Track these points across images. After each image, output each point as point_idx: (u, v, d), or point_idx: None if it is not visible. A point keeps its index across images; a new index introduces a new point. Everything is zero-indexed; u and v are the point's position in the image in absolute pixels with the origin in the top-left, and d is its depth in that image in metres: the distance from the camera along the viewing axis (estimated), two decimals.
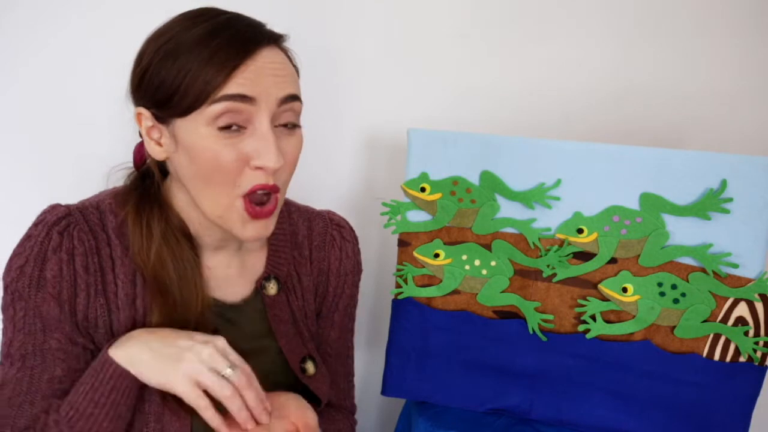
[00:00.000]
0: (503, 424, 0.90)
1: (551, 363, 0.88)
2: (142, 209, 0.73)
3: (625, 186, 0.83)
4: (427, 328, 0.91)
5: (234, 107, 0.64)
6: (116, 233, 0.73)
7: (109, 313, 0.71)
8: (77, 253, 0.70)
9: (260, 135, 0.66)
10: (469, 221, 0.88)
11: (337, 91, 1.13)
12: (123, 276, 0.72)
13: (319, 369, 0.83)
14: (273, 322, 0.80)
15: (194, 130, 0.65)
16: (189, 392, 0.65)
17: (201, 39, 0.65)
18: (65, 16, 1.02)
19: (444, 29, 1.11)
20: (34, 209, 0.73)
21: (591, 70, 1.13)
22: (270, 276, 0.81)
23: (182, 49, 0.65)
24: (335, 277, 0.88)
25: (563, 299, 0.87)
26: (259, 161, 0.66)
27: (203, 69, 0.63)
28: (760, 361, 0.82)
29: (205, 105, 0.64)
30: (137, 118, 0.70)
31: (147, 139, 0.71)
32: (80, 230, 0.70)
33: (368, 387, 1.26)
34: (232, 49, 0.64)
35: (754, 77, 1.13)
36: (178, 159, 0.69)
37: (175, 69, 0.64)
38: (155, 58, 0.66)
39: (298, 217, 0.87)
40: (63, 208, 0.72)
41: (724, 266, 0.81)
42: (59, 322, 0.69)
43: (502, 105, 1.13)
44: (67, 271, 0.69)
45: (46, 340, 0.69)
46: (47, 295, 0.69)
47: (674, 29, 1.12)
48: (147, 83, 0.67)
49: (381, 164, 1.16)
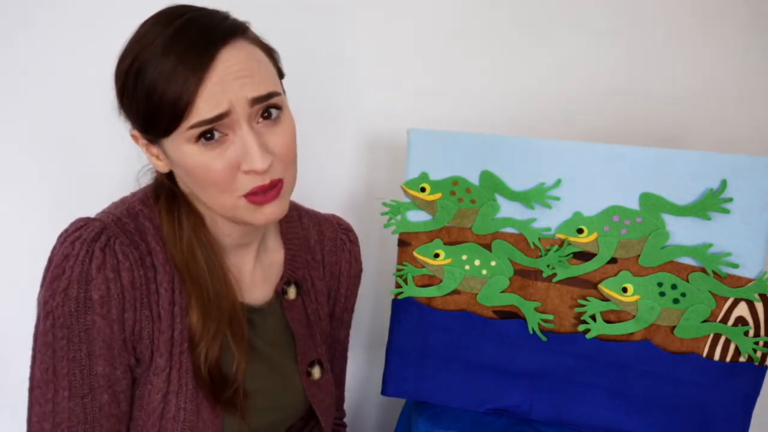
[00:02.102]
0: (503, 424, 0.90)
1: (551, 363, 0.88)
2: (173, 204, 0.73)
3: (625, 186, 0.83)
4: (427, 328, 0.91)
5: (214, 127, 0.64)
6: (155, 239, 0.71)
7: (152, 323, 0.70)
8: (123, 268, 0.67)
9: (242, 140, 0.65)
10: (469, 221, 0.88)
11: (337, 91, 1.13)
12: (165, 284, 0.71)
13: (324, 375, 0.84)
14: (292, 325, 0.81)
15: (179, 149, 0.65)
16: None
17: (158, 55, 0.63)
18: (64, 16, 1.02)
19: (444, 29, 1.11)
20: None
21: (591, 70, 1.13)
22: (290, 280, 0.82)
23: (146, 67, 0.63)
24: (346, 279, 0.92)
25: (563, 299, 0.87)
26: (246, 166, 0.65)
27: (167, 90, 0.62)
28: (760, 361, 0.82)
29: (182, 129, 0.63)
30: (133, 139, 0.71)
31: (148, 155, 0.71)
32: (122, 243, 0.68)
33: (368, 387, 1.26)
34: (189, 61, 0.62)
35: (754, 77, 1.13)
36: (177, 172, 0.70)
37: (143, 92, 0.63)
38: (127, 81, 0.65)
39: (308, 221, 0.88)
40: (97, 222, 0.69)
41: (724, 266, 0.81)
42: (106, 344, 0.68)
43: (502, 105, 1.13)
44: (115, 289, 0.67)
45: (92, 366, 0.67)
46: (96, 317, 0.66)
47: (674, 29, 1.12)
48: (127, 108, 0.67)
49: (381, 164, 1.16)
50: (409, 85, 1.13)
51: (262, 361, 0.78)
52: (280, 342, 0.81)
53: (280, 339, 0.81)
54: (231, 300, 0.73)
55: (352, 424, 1.27)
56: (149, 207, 0.74)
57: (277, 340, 0.81)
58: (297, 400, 0.82)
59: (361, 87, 1.13)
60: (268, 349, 0.79)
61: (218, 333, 0.72)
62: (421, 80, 1.13)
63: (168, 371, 0.71)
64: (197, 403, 0.71)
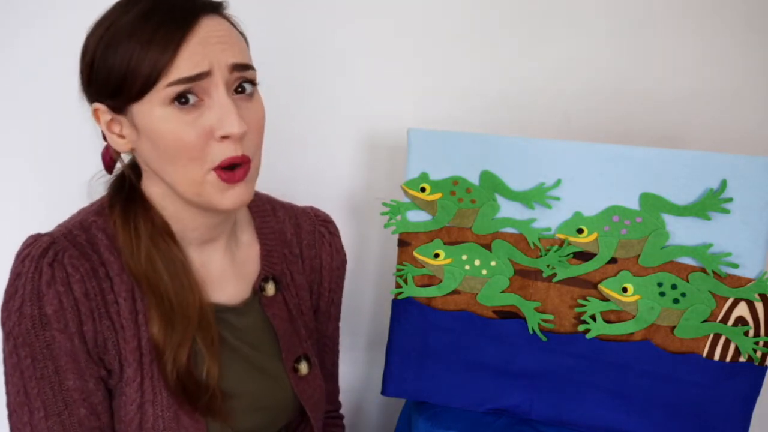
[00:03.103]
0: (503, 424, 0.90)
1: (551, 363, 0.88)
2: (128, 213, 0.71)
3: (625, 186, 0.83)
4: (427, 328, 0.91)
5: (192, 87, 0.63)
6: (109, 250, 0.70)
7: (116, 333, 0.69)
8: (73, 280, 0.66)
9: (219, 104, 0.64)
10: (469, 221, 0.88)
11: (337, 91, 1.13)
12: (123, 293, 0.70)
13: (313, 370, 0.83)
14: (273, 322, 0.80)
15: (151, 113, 0.64)
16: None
17: (138, 21, 0.62)
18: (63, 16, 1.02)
19: (444, 29, 1.11)
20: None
21: (591, 70, 1.13)
22: (268, 277, 0.81)
23: (122, 35, 0.63)
24: (328, 272, 0.89)
25: (563, 299, 0.87)
26: (222, 130, 0.64)
27: (147, 51, 0.61)
28: (760, 361, 0.82)
29: (160, 87, 0.62)
30: (94, 114, 0.68)
31: (108, 134, 0.69)
32: (70, 256, 0.67)
33: (368, 387, 1.26)
34: (171, 24, 0.62)
35: (754, 77, 1.13)
36: (142, 146, 0.67)
37: (119, 56, 0.62)
38: (98, 49, 0.64)
39: (284, 214, 0.86)
40: (46, 237, 0.68)
41: (724, 266, 0.81)
42: (71, 358, 0.67)
43: (502, 105, 1.13)
44: (68, 302, 0.66)
45: (62, 381, 0.67)
46: (54, 332, 0.65)
47: (674, 29, 1.12)
48: (96, 76, 0.65)
49: (381, 164, 1.16)
50: (409, 85, 1.13)
51: (243, 361, 0.76)
52: (262, 340, 0.79)
53: (261, 337, 0.79)
54: (197, 305, 0.71)
55: (352, 424, 1.27)
56: (104, 217, 0.72)
57: (259, 338, 0.79)
58: (285, 398, 0.80)
59: (361, 87, 1.13)
60: (248, 348, 0.77)
61: (184, 340, 0.70)
62: (421, 80, 1.13)
63: (140, 380, 0.69)
64: (174, 411, 0.70)
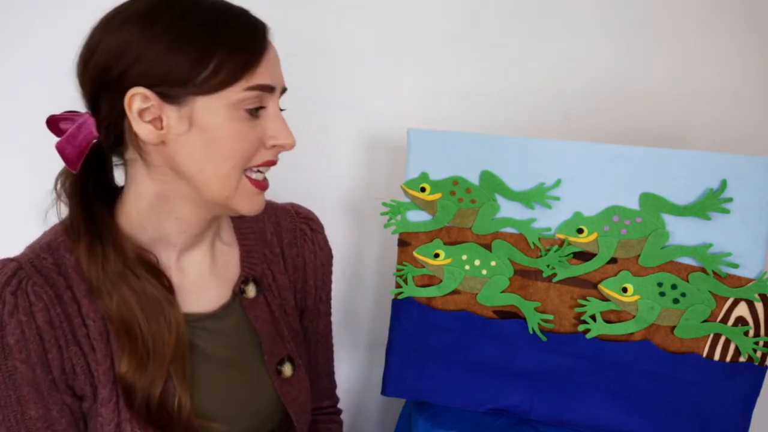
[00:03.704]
0: (503, 424, 0.90)
1: (551, 363, 0.88)
2: (94, 248, 0.68)
3: (625, 186, 0.83)
4: (427, 328, 0.91)
5: (262, 96, 0.66)
6: (76, 271, 0.68)
7: (85, 357, 0.68)
8: (36, 309, 0.65)
9: (275, 118, 0.69)
10: (469, 221, 0.88)
11: (337, 91, 1.13)
12: (93, 314, 0.68)
13: (297, 371, 0.81)
14: (255, 325, 0.78)
15: (218, 110, 0.64)
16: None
17: (221, 18, 0.64)
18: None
19: (444, 29, 1.11)
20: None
21: (591, 70, 1.13)
22: (248, 279, 0.79)
23: (204, 27, 0.62)
24: (313, 270, 0.87)
25: (563, 299, 0.87)
26: (278, 141, 0.69)
27: (237, 49, 0.63)
28: (760, 361, 0.82)
29: (237, 87, 0.64)
30: (128, 100, 0.62)
31: (138, 121, 0.63)
32: (34, 284, 0.65)
33: (368, 387, 1.26)
34: (256, 33, 0.66)
35: (754, 77, 1.13)
36: (187, 141, 0.64)
37: (198, 47, 0.61)
38: (172, 29, 0.61)
39: (263, 213, 0.82)
40: (12, 264, 0.66)
41: (724, 266, 0.81)
42: (33, 387, 0.66)
43: (502, 105, 1.13)
44: (30, 332, 0.65)
45: (24, 410, 0.66)
46: (16, 362, 0.65)
47: (674, 29, 1.12)
48: (149, 61, 0.61)
49: (381, 164, 1.16)
50: (409, 85, 1.13)
51: (224, 367, 0.75)
52: (243, 343, 0.78)
53: (241, 341, 0.78)
54: (174, 340, 0.69)
55: (352, 424, 1.27)
56: (72, 238, 0.69)
57: (239, 342, 0.77)
58: (269, 402, 0.79)
59: (361, 87, 1.13)
60: (228, 353, 0.76)
61: (157, 378, 0.68)
62: (421, 80, 1.13)
63: (115, 400, 0.68)
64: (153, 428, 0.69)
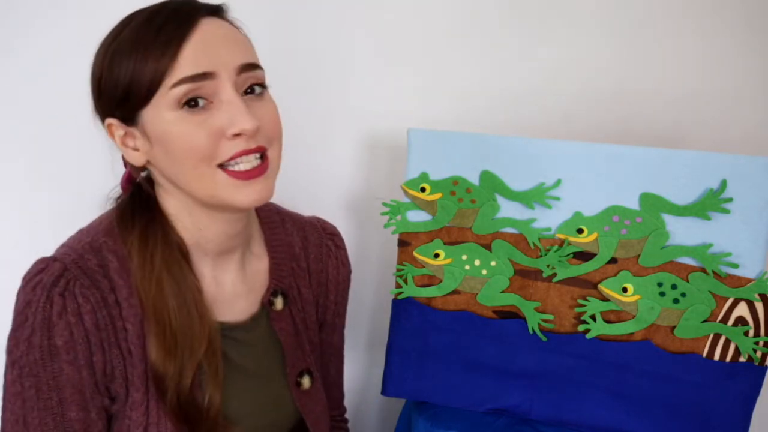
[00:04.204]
0: (503, 424, 0.90)
1: (551, 363, 0.88)
2: (147, 235, 0.70)
3: (625, 186, 0.83)
4: (427, 328, 0.91)
5: (195, 87, 0.62)
6: (118, 273, 0.69)
7: (124, 360, 0.68)
8: (84, 311, 0.65)
9: (228, 103, 0.63)
10: (469, 221, 0.88)
11: (337, 91, 1.13)
12: (132, 318, 0.68)
13: (315, 384, 0.82)
14: (280, 337, 0.79)
15: (161, 117, 0.64)
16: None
17: (138, 30, 0.63)
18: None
19: (444, 29, 1.11)
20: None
21: (591, 70, 1.13)
22: (277, 291, 0.80)
23: (125, 45, 0.63)
24: (334, 286, 0.89)
25: (563, 299, 0.87)
26: (234, 128, 0.63)
27: (149, 55, 0.62)
28: (760, 361, 0.82)
29: (164, 89, 0.62)
30: (109, 131, 0.68)
31: (124, 149, 0.69)
32: (82, 286, 0.66)
33: (368, 387, 1.26)
34: (170, 27, 0.62)
35: (754, 77, 1.13)
36: (156, 155, 0.66)
37: (123, 66, 0.63)
38: (105, 63, 0.65)
39: (292, 227, 0.85)
40: (57, 264, 0.66)
41: (724, 266, 0.81)
42: (77, 390, 0.66)
43: (502, 105, 1.13)
44: (78, 334, 0.65)
45: (65, 413, 0.66)
46: (63, 364, 0.65)
47: (674, 29, 1.12)
48: (104, 89, 0.66)
49: (381, 164, 1.16)
50: (409, 85, 1.13)
51: (248, 377, 0.76)
52: (267, 354, 0.79)
53: (267, 351, 0.79)
54: (205, 334, 0.70)
55: (352, 425, 1.27)
56: (114, 238, 0.70)
57: (264, 352, 0.78)
58: (287, 412, 0.80)
59: (361, 87, 1.13)
60: (254, 364, 0.77)
61: (186, 369, 0.69)
62: (421, 80, 1.13)
63: (146, 404, 0.69)
64: None
